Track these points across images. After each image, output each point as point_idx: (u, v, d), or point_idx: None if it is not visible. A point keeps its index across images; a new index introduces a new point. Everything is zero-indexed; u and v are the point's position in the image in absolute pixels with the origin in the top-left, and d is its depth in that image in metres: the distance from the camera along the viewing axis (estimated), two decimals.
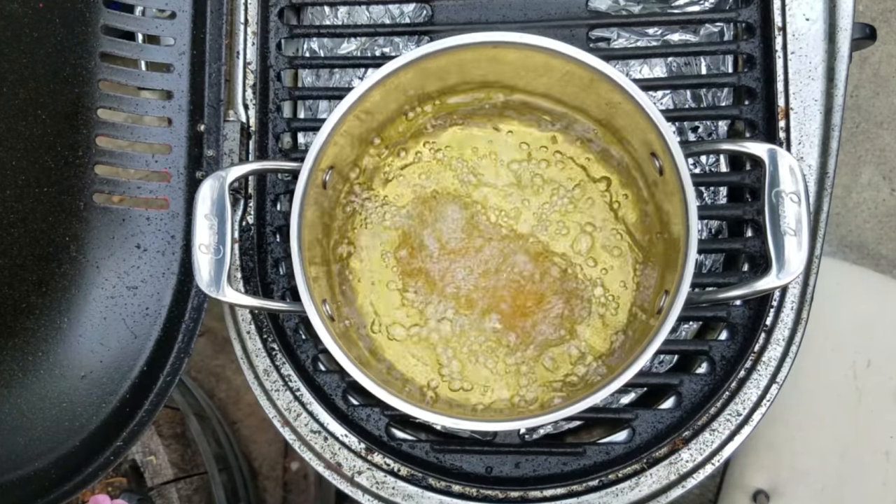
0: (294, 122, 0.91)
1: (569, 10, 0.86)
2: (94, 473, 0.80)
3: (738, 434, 0.81)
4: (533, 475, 0.82)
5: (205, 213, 0.74)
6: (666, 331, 0.68)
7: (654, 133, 0.72)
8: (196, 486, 1.24)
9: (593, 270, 0.82)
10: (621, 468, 0.81)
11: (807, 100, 0.82)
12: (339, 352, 0.73)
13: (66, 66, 0.84)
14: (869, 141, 1.65)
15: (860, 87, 1.66)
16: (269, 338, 0.86)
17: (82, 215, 0.85)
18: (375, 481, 0.83)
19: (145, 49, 0.87)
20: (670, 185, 0.73)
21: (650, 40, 0.93)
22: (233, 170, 0.76)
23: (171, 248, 0.86)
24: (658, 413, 0.82)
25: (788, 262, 0.69)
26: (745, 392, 0.81)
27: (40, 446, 0.82)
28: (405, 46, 0.96)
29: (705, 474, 0.81)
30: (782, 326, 0.81)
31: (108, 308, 0.85)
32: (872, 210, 1.66)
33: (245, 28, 0.88)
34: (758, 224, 0.82)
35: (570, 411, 0.69)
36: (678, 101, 0.94)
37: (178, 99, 0.87)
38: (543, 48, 0.73)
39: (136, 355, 0.84)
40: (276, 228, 0.88)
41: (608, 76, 0.72)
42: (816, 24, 0.82)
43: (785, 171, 0.69)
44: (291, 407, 0.85)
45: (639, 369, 0.69)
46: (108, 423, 0.83)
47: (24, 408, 0.83)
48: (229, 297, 0.74)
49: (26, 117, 0.83)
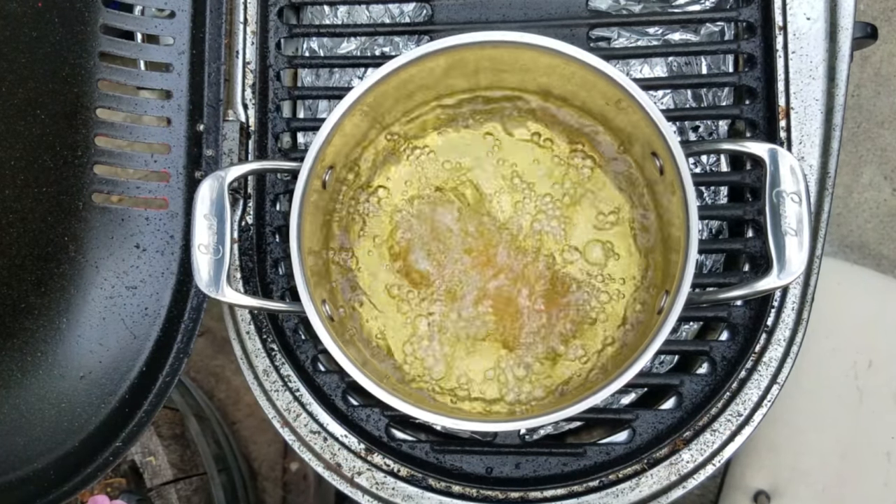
0: (293, 121, 0.91)
1: (569, 10, 0.85)
2: (93, 474, 0.80)
3: (739, 434, 0.80)
4: (533, 476, 0.82)
5: (204, 213, 0.74)
6: (666, 331, 0.68)
7: (654, 133, 0.72)
8: (195, 487, 1.24)
9: (593, 270, 0.82)
10: (622, 469, 0.81)
11: (808, 99, 0.82)
12: (338, 352, 0.72)
13: (65, 65, 0.84)
14: (870, 140, 1.65)
15: (861, 86, 1.65)
16: (269, 338, 0.85)
17: (81, 215, 0.85)
18: (375, 482, 0.83)
19: (144, 48, 0.87)
20: (671, 184, 0.73)
21: (651, 40, 0.93)
22: (232, 169, 0.75)
23: (171, 248, 0.86)
24: (659, 413, 0.82)
25: (789, 263, 0.68)
26: (745, 392, 0.80)
27: (39, 447, 0.82)
28: (405, 46, 0.95)
29: (706, 475, 0.80)
30: (783, 327, 0.81)
31: (107, 308, 0.85)
32: (874, 210, 1.65)
33: (244, 27, 0.88)
34: (758, 224, 0.82)
35: (571, 412, 0.69)
36: (679, 101, 0.94)
37: (178, 98, 0.86)
38: (543, 48, 0.73)
39: (135, 356, 0.84)
40: (275, 228, 0.88)
41: (608, 76, 0.72)
42: (817, 24, 0.82)
43: (786, 170, 0.69)
44: (291, 407, 0.84)
45: (639, 370, 0.68)
46: (107, 423, 0.83)
47: (22, 408, 0.83)
48: (228, 298, 0.73)
49: (25, 117, 0.83)
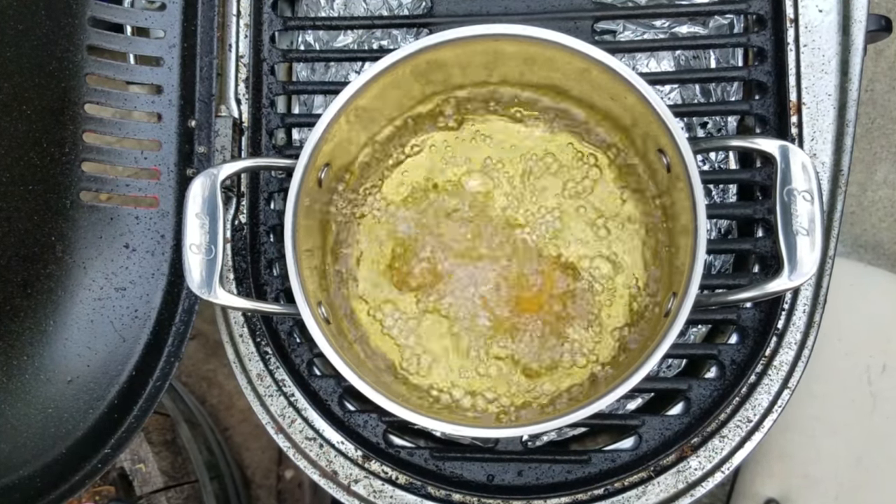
0: (288, 117, 0.90)
1: (573, 2, 0.85)
2: (81, 482, 0.80)
3: (749, 441, 0.80)
4: (536, 483, 0.82)
5: (196, 212, 0.74)
6: (674, 334, 0.68)
7: (661, 129, 0.72)
8: (187, 495, 1.25)
9: (598, 271, 0.82)
10: (627, 476, 0.80)
11: (820, 94, 0.81)
12: (334, 355, 0.72)
13: (52, 59, 0.83)
14: (885, 137, 1.64)
15: (875, 80, 1.64)
16: (263, 341, 0.85)
17: (69, 214, 0.84)
18: (373, 490, 0.82)
19: (134, 42, 0.87)
20: (678, 182, 0.72)
21: (657, 33, 0.92)
22: (225, 167, 0.75)
23: (161, 248, 0.85)
24: (665, 419, 0.82)
25: (801, 263, 0.68)
26: (755, 397, 0.80)
27: (25, 453, 0.81)
28: (403, 39, 0.95)
29: (715, 483, 0.80)
30: (794, 329, 0.80)
31: (96, 310, 0.84)
32: (888, 209, 1.65)
33: (237, 20, 0.88)
34: (769, 223, 0.82)
35: (575, 417, 0.69)
36: (686, 96, 0.93)
37: (168, 93, 0.86)
38: (547, 41, 0.72)
39: (124, 359, 0.84)
40: (269, 228, 0.88)
41: (614, 70, 0.71)
42: (830, 16, 0.81)
43: (797, 168, 0.69)
44: (286, 413, 0.84)
45: (646, 374, 0.68)
46: (95, 429, 0.82)
47: (8, 414, 0.82)
48: (221, 299, 0.73)
49: (11, 113, 0.82)
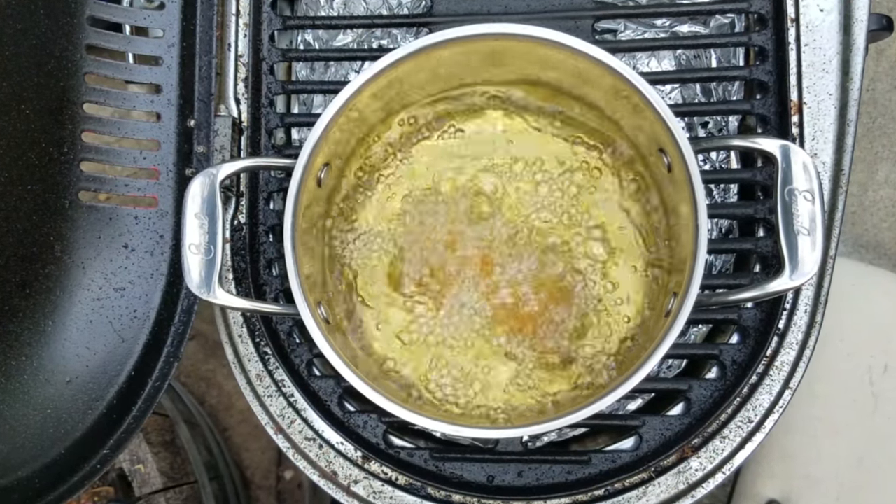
0: (288, 117, 0.90)
1: (574, 1, 0.85)
2: (79, 482, 0.79)
3: (750, 442, 0.80)
4: (536, 484, 0.81)
5: (195, 212, 0.73)
6: (674, 334, 0.67)
7: (662, 128, 0.71)
8: (186, 496, 1.25)
9: (599, 271, 0.81)
10: (628, 477, 0.80)
11: (821, 94, 0.81)
12: (334, 356, 0.71)
13: (50, 58, 0.83)
14: (886, 136, 1.64)
15: (877, 80, 1.64)
16: (262, 341, 0.85)
17: (67, 214, 0.84)
18: (372, 491, 0.82)
19: (133, 41, 0.86)
20: (679, 182, 0.72)
21: (658, 32, 0.92)
22: (224, 167, 0.75)
23: (160, 249, 0.85)
24: (666, 420, 0.81)
25: (802, 263, 0.68)
26: (756, 398, 0.80)
27: (24, 454, 0.81)
28: (403, 38, 0.95)
29: (715, 483, 0.80)
30: (795, 330, 0.80)
31: (95, 311, 0.84)
32: (890, 208, 1.64)
33: (237, 19, 0.87)
34: (770, 223, 0.81)
35: (575, 418, 0.69)
36: (687, 96, 0.93)
37: (167, 93, 0.86)
38: (547, 40, 0.72)
39: (123, 360, 0.84)
40: (269, 228, 0.87)
41: (614, 70, 0.71)
42: (831, 15, 0.81)
43: (798, 168, 0.69)
44: (285, 413, 0.84)
45: (646, 374, 0.68)
46: (94, 430, 0.82)
47: (6, 414, 0.82)
48: (220, 299, 0.73)
49: (9, 112, 0.82)
